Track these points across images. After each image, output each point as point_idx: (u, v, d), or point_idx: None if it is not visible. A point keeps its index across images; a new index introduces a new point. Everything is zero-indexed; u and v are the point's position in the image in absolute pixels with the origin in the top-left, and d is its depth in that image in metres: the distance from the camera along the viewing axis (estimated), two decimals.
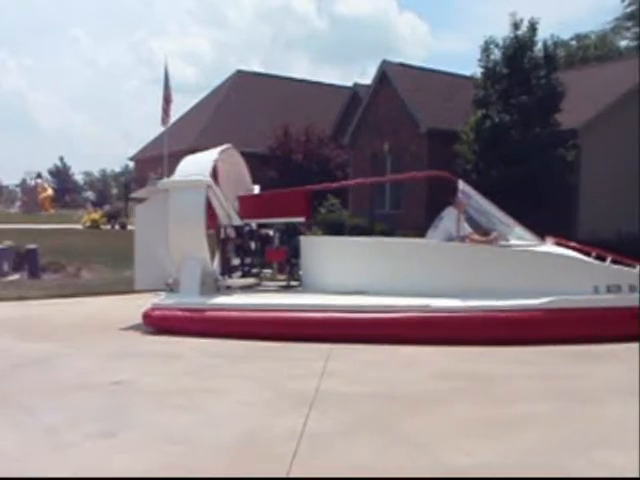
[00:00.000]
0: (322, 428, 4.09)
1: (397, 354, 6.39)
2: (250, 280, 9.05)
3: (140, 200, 9.13)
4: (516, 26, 18.94)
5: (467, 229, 8.01)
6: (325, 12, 76.98)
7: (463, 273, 7.48)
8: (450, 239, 7.86)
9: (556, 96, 18.34)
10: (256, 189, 9.90)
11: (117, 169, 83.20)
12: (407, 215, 21.05)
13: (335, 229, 18.79)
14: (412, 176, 10.84)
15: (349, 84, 33.00)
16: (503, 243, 7.75)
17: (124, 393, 4.98)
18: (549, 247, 7.68)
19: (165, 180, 8.43)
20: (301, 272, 8.57)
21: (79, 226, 25.13)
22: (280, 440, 3.88)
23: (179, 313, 7.51)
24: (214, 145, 9.52)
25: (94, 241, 17.84)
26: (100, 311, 9.20)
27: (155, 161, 31.30)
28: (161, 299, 7.79)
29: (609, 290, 6.99)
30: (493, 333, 6.71)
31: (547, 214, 18.28)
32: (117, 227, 25.33)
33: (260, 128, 29.05)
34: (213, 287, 8.18)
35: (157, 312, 7.54)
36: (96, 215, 27.04)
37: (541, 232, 8.02)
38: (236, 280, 8.91)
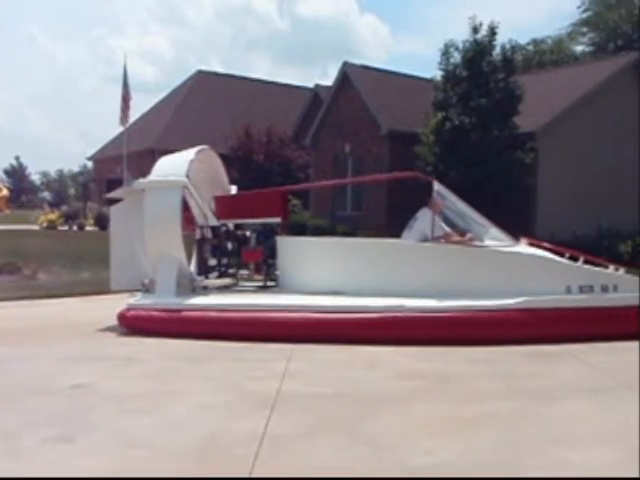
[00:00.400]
0: (284, 429, 4.10)
1: (359, 354, 6.42)
2: (227, 281, 9.05)
3: (116, 200, 9.07)
4: (475, 30, 19.21)
5: (445, 229, 8.08)
6: (286, 13, 77.07)
7: (439, 273, 7.54)
8: (425, 240, 7.89)
9: (514, 99, 18.66)
10: (233, 189, 9.90)
11: (75, 169, 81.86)
12: (368, 216, 21.18)
13: (296, 230, 18.80)
14: (394, 176, 10.98)
15: (310, 85, 33.02)
16: (478, 243, 7.83)
17: (84, 397, 4.90)
18: (523, 248, 7.77)
19: (141, 180, 8.39)
20: (278, 272, 8.57)
21: (36, 227, 24.64)
22: (242, 442, 3.87)
23: (154, 313, 7.47)
24: (175, 145, 9.53)
25: (51, 242, 17.49)
26: (58, 314, 9.02)
27: (114, 161, 30.92)
28: (136, 299, 7.73)
29: (581, 290, 7.08)
30: (466, 333, 6.79)
31: (506, 216, 18.49)
32: (75, 228, 24.92)
33: (221, 128, 28.88)
34: (189, 287, 8.14)
35: (132, 312, 7.50)
36: (53, 216, 26.57)
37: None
38: (213, 281, 8.89)
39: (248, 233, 9.13)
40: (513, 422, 4.30)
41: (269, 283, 8.76)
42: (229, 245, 9.17)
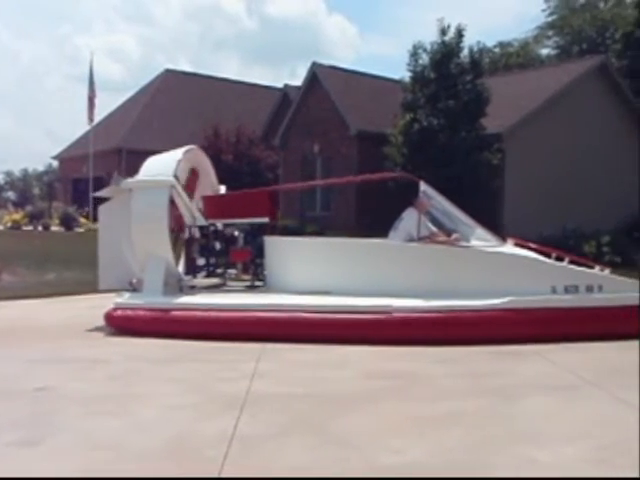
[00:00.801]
0: (253, 430, 4.08)
1: (328, 354, 6.43)
2: (214, 280, 9.07)
3: (103, 200, 9.05)
4: (443, 32, 19.39)
5: (431, 229, 8.12)
6: (255, 12, 76.73)
7: (425, 273, 7.57)
8: (411, 240, 7.92)
9: (481, 101, 18.87)
10: (222, 189, 9.91)
11: (40, 168, 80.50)
12: (337, 217, 21.23)
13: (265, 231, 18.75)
14: (382, 176, 11.14)
15: (279, 85, 32.99)
16: (464, 244, 7.86)
17: (48, 400, 4.82)
18: (509, 248, 7.83)
19: (128, 180, 8.38)
20: (265, 272, 8.58)
21: None
22: (211, 443, 3.85)
23: (141, 313, 7.46)
24: (142, 145, 9.53)
25: (15, 243, 17.19)
26: (23, 315, 8.87)
27: (80, 160, 30.50)
28: (125, 298, 7.70)
29: (567, 290, 7.14)
30: (453, 333, 6.83)
31: (473, 216, 18.73)
32: (40, 228, 24.50)
33: (190, 128, 28.70)
34: (176, 287, 8.16)
35: (119, 312, 7.49)
36: (17, 216, 26.06)
37: None
38: (201, 280, 8.92)
39: (236, 233, 9.13)
40: (480, 420, 4.34)
41: (257, 283, 8.78)
42: (217, 245, 9.17)
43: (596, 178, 21.37)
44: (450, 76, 18.85)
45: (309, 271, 8.08)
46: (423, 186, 8.14)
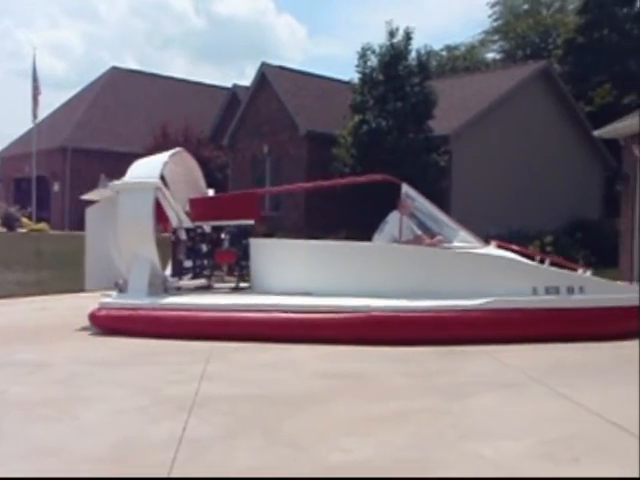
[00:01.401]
0: (202, 433, 4.04)
1: (278, 355, 6.42)
2: (200, 282, 9.14)
3: (91, 202, 9.15)
4: (392, 34, 19.58)
5: (416, 232, 8.17)
6: (203, 11, 75.79)
7: (408, 275, 7.64)
8: (395, 242, 7.98)
9: (429, 103, 19.11)
10: (210, 192, 10.04)
11: None
12: (286, 217, 21.21)
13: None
14: (366, 179, 11.31)
15: (228, 85, 32.77)
16: (447, 245, 7.91)
17: None
18: (491, 250, 7.93)
19: (115, 182, 8.44)
20: (251, 274, 8.65)
21: None
22: (158, 447, 3.79)
23: (124, 313, 7.52)
24: (88, 143, 9.50)
25: None
26: None
27: (22, 159, 29.73)
28: (112, 298, 7.78)
29: (547, 291, 7.23)
30: (434, 333, 6.87)
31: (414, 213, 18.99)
32: None
33: (137, 127, 28.30)
34: (161, 288, 8.25)
35: (103, 312, 7.56)
36: None
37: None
38: (186, 282, 9.01)
39: (223, 235, 9.20)
40: (429, 418, 4.40)
41: (242, 284, 8.85)
42: (203, 247, 9.21)
43: (540, 179, 21.91)
44: (398, 78, 19.04)
45: (293, 273, 8.18)
46: (405, 188, 8.23)
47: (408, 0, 71.03)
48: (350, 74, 25.77)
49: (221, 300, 7.79)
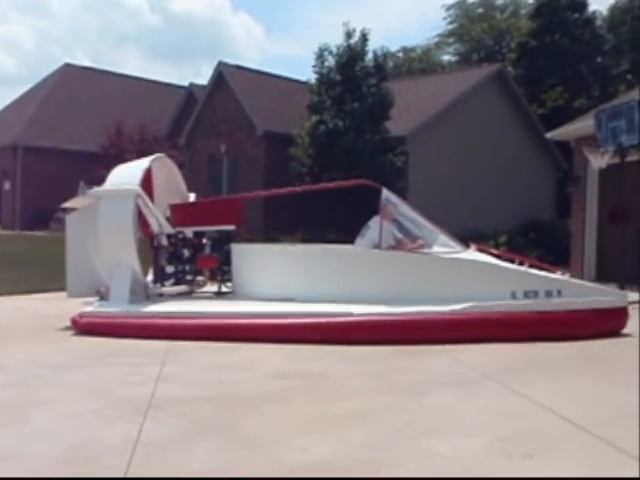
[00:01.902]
0: (158, 436, 3.99)
1: (234, 355, 6.39)
2: (182, 288, 9.10)
3: (71, 209, 9.11)
4: (349, 35, 19.67)
5: (397, 237, 8.16)
6: (158, 8, 74.93)
7: (389, 280, 7.69)
8: (377, 247, 7.98)
9: (385, 104, 19.27)
10: (192, 197, 10.00)
11: None
12: (247, 217, 21.07)
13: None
14: (340, 184, 11.41)
15: (184, 83, 32.45)
16: (427, 250, 7.92)
17: None
18: (471, 254, 7.94)
19: (95, 189, 8.47)
20: (233, 279, 8.64)
21: None
22: (113, 451, 3.73)
23: (105, 320, 7.49)
24: (40, 141, 9.41)
25: None
26: None
27: None
28: (95, 306, 7.78)
29: (526, 295, 7.29)
30: (415, 338, 6.85)
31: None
32: None
33: (91, 125, 27.83)
34: (143, 294, 8.24)
35: (84, 319, 7.52)
36: None
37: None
38: (169, 288, 8.96)
39: (204, 240, 9.16)
40: (385, 417, 4.42)
41: (225, 290, 8.83)
42: (185, 252, 9.16)
43: (495, 180, 22.29)
44: (355, 79, 19.14)
45: (275, 278, 8.20)
46: (385, 193, 8.25)
47: (365, 1, 71.50)
48: (308, 74, 25.78)
49: (206, 308, 7.72)
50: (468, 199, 21.13)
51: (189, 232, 9.20)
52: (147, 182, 9.12)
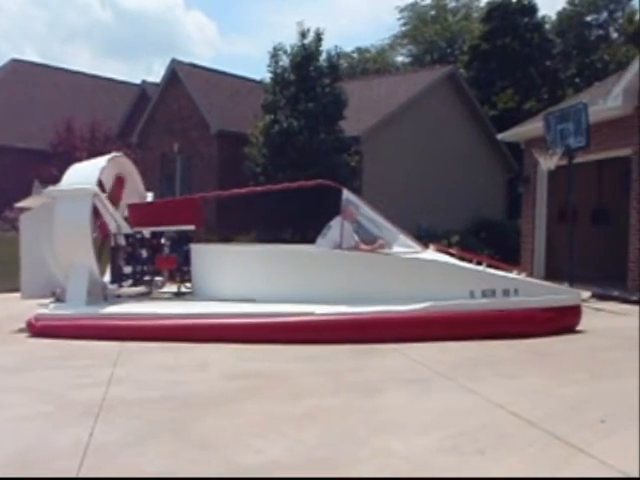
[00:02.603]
0: (110, 438, 3.92)
1: (187, 356, 6.33)
2: (140, 288, 8.97)
3: (25, 209, 8.87)
4: (303, 35, 19.66)
5: (355, 238, 8.20)
6: (108, 4, 73.56)
7: (349, 280, 7.71)
8: (337, 247, 7.99)
9: (340, 104, 19.31)
10: (149, 197, 9.88)
11: None
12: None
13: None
14: (301, 184, 11.39)
15: (135, 80, 31.98)
16: (387, 250, 7.95)
17: None
18: (430, 254, 8.03)
19: (51, 188, 8.24)
20: (192, 280, 8.57)
21: None
22: (63, 455, 3.65)
23: (61, 322, 7.35)
24: None
25: None
26: None
27: None
28: (50, 309, 7.63)
29: (484, 294, 7.41)
30: (374, 338, 6.89)
31: (334, 216, 19.17)
32: None
33: (39, 122, 27.20)
34: (100, 296, 8.16)
35: (40, 322, 7.36)
36: None
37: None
38: (127, 289, 8.83)
39: (163, 240, 9.04)
40: (339, 416, 4.44)
41: (184, 290, 8.76)
42: (143, 252, 9.03)
43: (448, 180, 22.58)
44: (309, 79, 19.14)
45: (235, 278, 8.16)
46: (345, 194, 8.29)
47: (319, 1, 71.64)
48: (262, 74, 25.73)
49: (164, 309, 7.64)
50: (421, 199, 21.36)
51: (147, 232, 9.11)
52: (118, 190, 9.13)
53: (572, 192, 11.83)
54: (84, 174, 8.38)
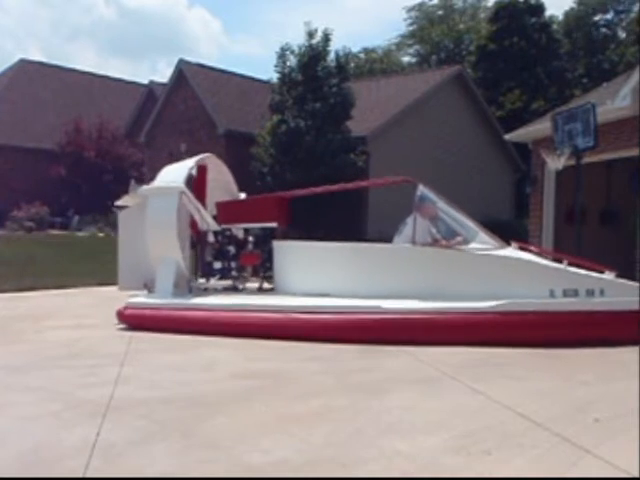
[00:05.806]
0: (117, 437, 3.93)
1: (195, 356, 6.35)
2: (226, 283, 9.34)
3: (123, 207, 9.77)
4: (311, 35, 19.69)
5: (435, 235, 8.15)
6: (112, 2, 73.76)
7: (427, 277, 7.64)
8: (411, 244, 7.96)
9: (347, 104, 19.34)
10: (242, 196, 10.31)
11: None
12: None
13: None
14: (387, 180, 11.56)
15: (141, 80, 32.14)
16: (465, 247, 7.83)
17: None
18: (510, 251, 7.77)
19: (144, 187, 9.14)
20: (274, 275, 8.85)
21: None
22: (70, 454, 3.66)
23: (147, 312, 7.92)
24: None
25: None
26: None
27: None
28: (139, 298, 8.28)
29: (565, 294, 7.03)
30: (445, 335, 6.83)
31: (341, 214, 19.20)
32: None
33: (48, 122, 27.31)
34: (186, 288, 8.70)
35: (129, 311, 7.98)
36: None
37: (339, 230, 8.48)
38: (213, 283, 9.31)
39: (250, 237, 9.39)
40: (346, 416, 4.43)
41: (266, 285, 9.06)
42: (231, 249, 9.36)
43: (455, 180, 22.52)
44: (317, 79, 19.16)
45: (315, 274, 8.36)
46: (420, 190, 8.35)
47: (327, 2, 71.67)
48: (269, 74, 25.73)
49: (240, 300, 8.02)
50: None
51: (237, 229, 9.43)
52: (201, 181, 9.52)
53: (580, 192, 11.77)
54: (174, 173, 9.00)
